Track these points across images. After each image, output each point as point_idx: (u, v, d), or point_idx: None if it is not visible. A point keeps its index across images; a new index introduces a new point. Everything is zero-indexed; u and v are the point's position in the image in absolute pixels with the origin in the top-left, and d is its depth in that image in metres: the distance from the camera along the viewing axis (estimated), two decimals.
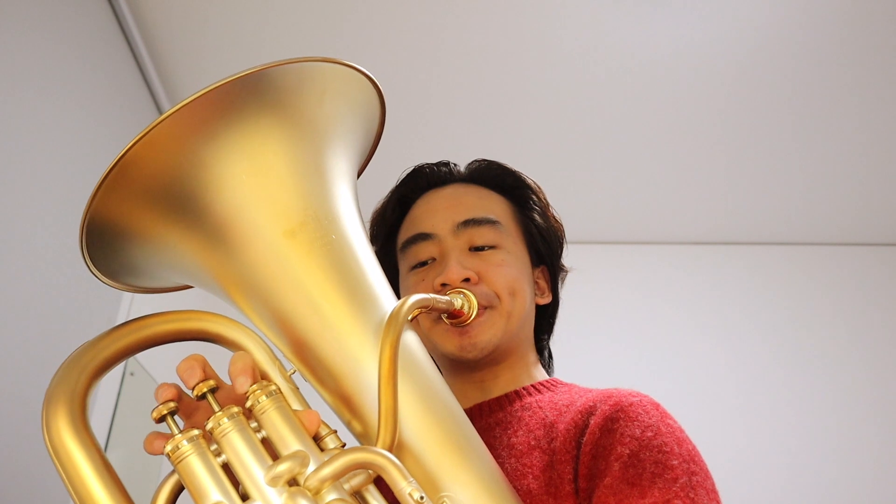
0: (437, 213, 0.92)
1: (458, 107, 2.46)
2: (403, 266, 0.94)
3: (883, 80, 2.28)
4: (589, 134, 2.57)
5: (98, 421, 1.90)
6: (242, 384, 0.56)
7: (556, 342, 1.07)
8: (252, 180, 0.59)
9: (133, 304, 2.02)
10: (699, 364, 2.86)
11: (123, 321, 0.61)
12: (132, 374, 2.10)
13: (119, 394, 2.03)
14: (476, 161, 1.00)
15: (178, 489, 0.54)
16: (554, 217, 1.01)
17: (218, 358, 0.63)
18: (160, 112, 2.30)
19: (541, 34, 2.18)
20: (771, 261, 3.11)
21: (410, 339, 0.61)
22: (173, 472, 0.53)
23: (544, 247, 0.98)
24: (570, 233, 1.05)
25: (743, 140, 2.58)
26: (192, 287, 0.68)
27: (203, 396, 0.56)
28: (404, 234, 0.95)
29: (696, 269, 3.12)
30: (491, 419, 0.85)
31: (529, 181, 1.00)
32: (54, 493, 1.59)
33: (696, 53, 2.22)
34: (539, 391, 0.88)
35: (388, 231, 0.99)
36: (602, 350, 2.84)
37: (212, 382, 0.56)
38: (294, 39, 2.19)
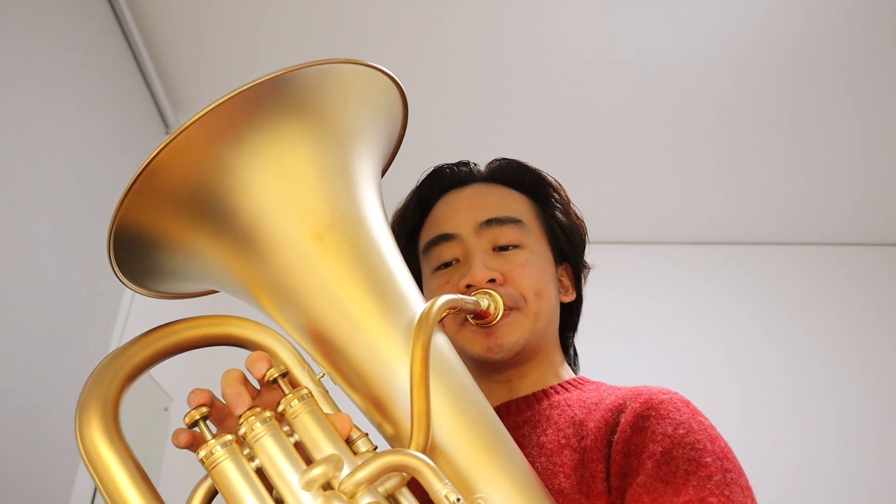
0: (458, 213, 0.92)
1: (459, 108, 2.46)
2: (426, 268, 0.94)
3: (882, 80, 2.29)
4: (589, 134, 2.58)
5: None
6: (259, 368, 0.57)
7: None
8: (279, 184, 0.59)
9: (133, 304, 2.01)
10: (699, 364, 2.86)
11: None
12: None
13: None
14: (496, 160, 1.00)
15: (212, 493, 0.54)
16: (576, 214, 1.01)
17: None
18: (161, 115, 2.29)
19: (542, 34, 2.19)
20: (771, 261, 3.12)
21: (440, 341, 0.61)
22: (206, 476, 0.53)
23: (567, 244, 0.97)
24: None
25: (743, 140, 2.58)
26: (217, 291, 0.68)
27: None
28: (426, 235, 0.95)
29: (696, 269, 3.13)
30: (519, 418, 0.85)
31: (550, 178, 1.00)
32: (55, 493, 1.59)
33: (696, 53, 2.23)
34: (567, 389, 0.88)
35: (409, 232, 0.99)
36: (601, 350, 2.82)
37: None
38: (296, 40, 2.19)
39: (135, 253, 0.61)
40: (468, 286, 0.84)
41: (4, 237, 1.44)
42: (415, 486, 0.52)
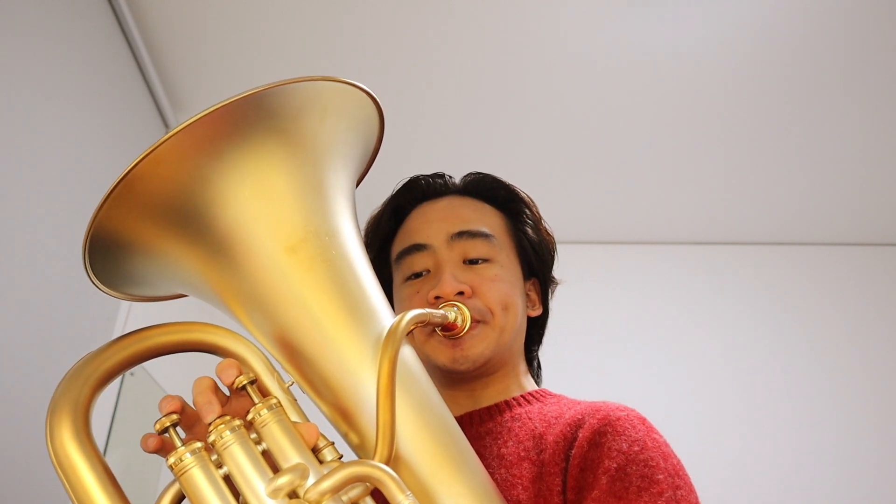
0: (431, 224, 0.94)
1: (459, 108, 2.47)
2: (398, 277, 0.96)
3: (883, 79, 2.28)
4: (589, 134, 2.58)
5: (98, 421, 1.91)
6: (229, 375, 0.59)
7: (556, 343, 1.08)
8: (254, 198, 0.60)
9: (131, 310, 2.03)
10: (699, 364, 2.87)
11: (125, 332, 0.63)
12: (132, 374, 2.12)
13: (119, 394, 2.05)
14: (471, 174, 1.02)
15: (179, 498, 0.55)
16: (546, 230, 1.03)
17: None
18: (161, 115, 2.31)
19: (541, 35, 2.19)
20: (771, 261, 3.12)
21: (407, 354, 0.63)
22: (174, 481, 0.55)
23: (536, 260, 0.99)
24: (570, 233, 1.07)
25: (743, 140, 2.58)
26: (187, 295, 0.69)
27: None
28: (399, 244, 0.97)
29: (696, 269, 3.13)
30: (481, 429, 0.87)
31: (523, 195, 1.02)
32: (54, 495, 1.60)
33: (697, 53, 2.23)
34: (529, 402, 0.90)
35: (382, 241, 1.01)
36: (601, 350, 2.85)
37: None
38: (294, 40, 2.20)
39: (110, 258, 0.62)
40: (437, 297, 0.86)
41: (4, 237, 1.45)
42: (380, 496, 0.54)
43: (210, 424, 0.55)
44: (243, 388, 0.58)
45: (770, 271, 3.10)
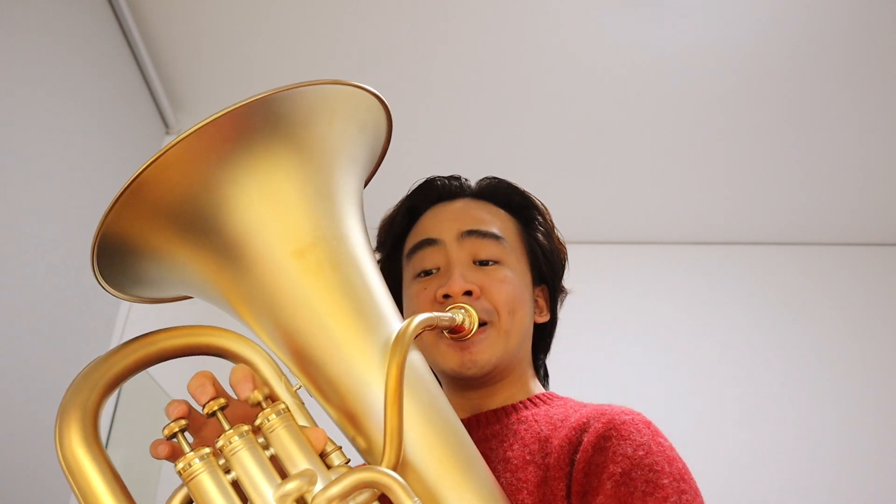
0: (443, 222, 0.95)
1: (458, 110, 2.47)
2: (408, 273, 0.96)
3: (883, 79, 2.29)
4: (589, 134, 2.58)
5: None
6: (244, 389, 0.58)
7: (555, 343, 1.08)
8: (263, 202, 0.60)
9: (131, 312, 2.03)
10: (699, 364, 2.87)
11: (125, 334, 0.63)
12: None
13: (119, 394, 2.04)
14: (487, 178, 1.03)
15: (187, 502, 0.55)
16: (558, 239, 1.04)
17: (225, 373, 0.64)
18: (161, 115, 2.31)
19: (541, 36, 2.19)
20: (771, 261, 3.12)
21: (415, 358, 0.63)
22: (182, 486, 0.54)
23: (546, 267, 1.00)
24: (570, 233, 1.07)
25: (743, 140, 2.58)
26: (192, 297, 0.69)
27: (213, 414, 0.57)
28: (411, 241, 0.98)
29: (696, 269, 3.13)
30: (487, 431, 0.87)
31: (537, 202, 1.02)
32: (54, 494, 1.60)
33: (696, 54, 2.23)
34: (535, 404, 0.90)
35: (395, 239, 1.01)
36: (602, 350, 2.85)
37: (222, 401, 0.58)
38: (294, 41, 2.19)
39: (118, 262, 0.62)
40: (445, 296, 0.86)
41: (4, 238, 1.45)
42: (387, 501, 0.54)
43: (216, 425, 0.55)
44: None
45: (770, 271, 3.10)
